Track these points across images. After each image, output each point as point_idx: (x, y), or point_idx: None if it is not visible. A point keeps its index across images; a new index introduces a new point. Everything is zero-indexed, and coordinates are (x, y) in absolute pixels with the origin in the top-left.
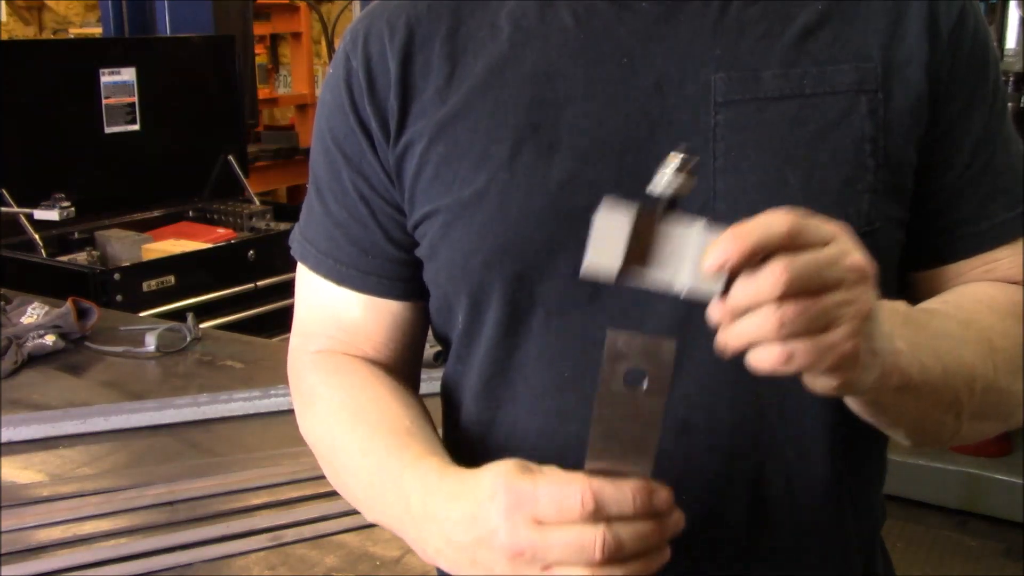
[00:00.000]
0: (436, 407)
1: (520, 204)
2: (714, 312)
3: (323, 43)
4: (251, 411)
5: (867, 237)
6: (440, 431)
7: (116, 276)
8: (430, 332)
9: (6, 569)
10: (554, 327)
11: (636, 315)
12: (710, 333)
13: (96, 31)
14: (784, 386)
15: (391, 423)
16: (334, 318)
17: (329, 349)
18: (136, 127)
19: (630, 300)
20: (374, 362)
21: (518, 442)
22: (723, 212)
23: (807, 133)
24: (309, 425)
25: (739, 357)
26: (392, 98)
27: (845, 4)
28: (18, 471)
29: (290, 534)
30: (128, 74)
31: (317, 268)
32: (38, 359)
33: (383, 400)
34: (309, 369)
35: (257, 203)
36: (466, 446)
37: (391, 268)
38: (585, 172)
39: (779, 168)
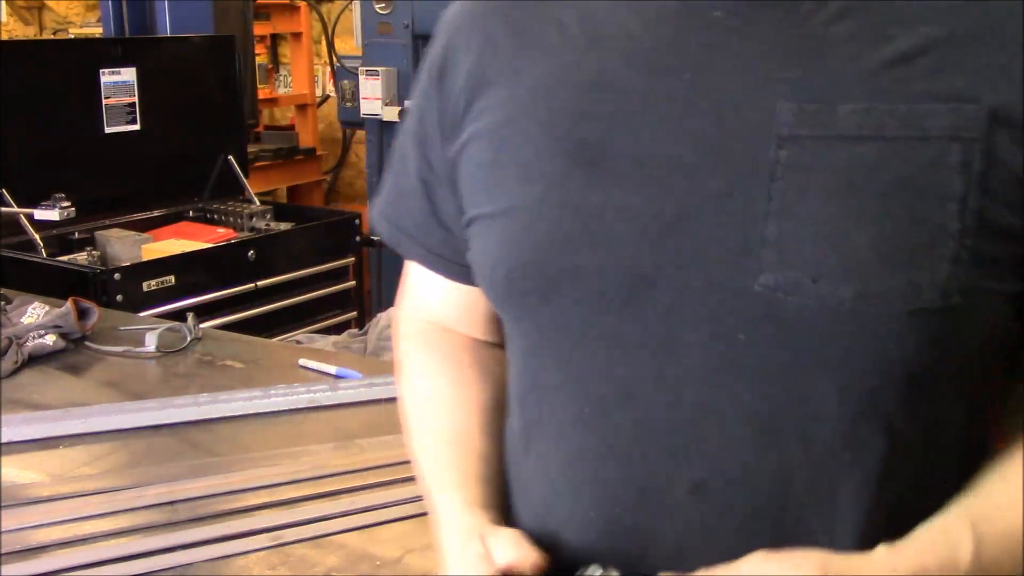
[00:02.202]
0: None
1: (549, 223)
2: None
3: (323, 43)
4: (251, 411)
5: (943, 314)
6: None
7: (116, 276)
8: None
9: (6, 569)
10: (575, 357)
11: (659, 352)
12: (735, 384)
13: (96, 31)
14: (815, 453)
15: (451, 436)
16: (415, 288)
17: (426, 318)
18: (136, 127)
19: (652, 335)
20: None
21: (545, 468)
22: (770, 262)
23: (882, 183)
24: (399, 387)
25: (765, 416)
26: (460, 92)
27: (959, 30)
28: (18, 471)
29: (290, 534)
30: (128, 74)
31: (377, 225)
32: (38, 359)
33: (454, 408)
34: (405, 336)
35: (257, 203)
36: (512, 453)
37: (438, 247)
38: (622, 197)
39: (843, 220)
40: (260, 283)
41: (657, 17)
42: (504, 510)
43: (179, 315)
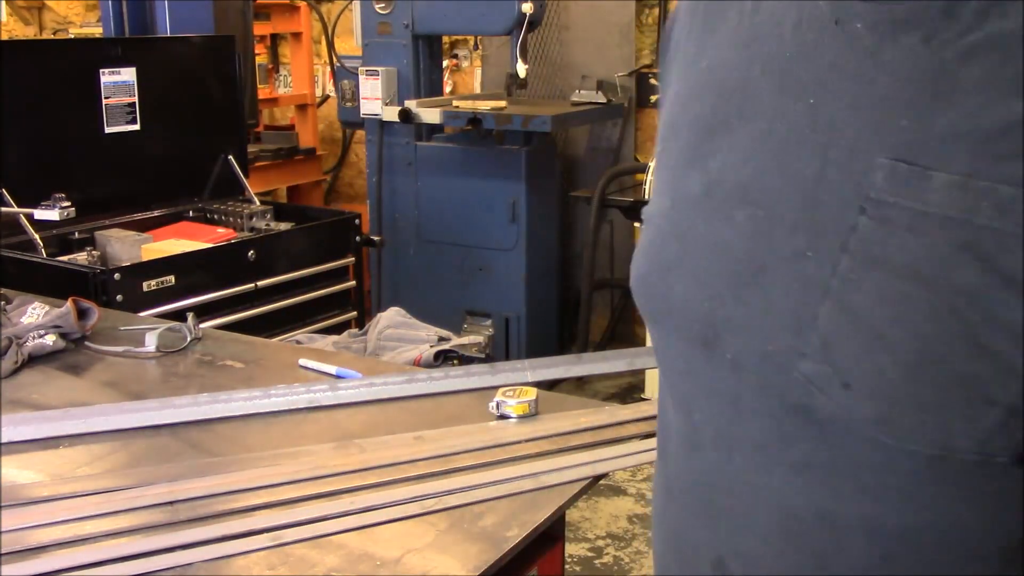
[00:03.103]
0: (434, 407)
1: (662, 243)
2: None
3: (323, 43)
4: (251, 411)
5: (982, 470)
6: None
7: (116, 276)
8: (430, 328)
9: (6, 569)
10: (674, 390)
11: (727, 408)
12: (773, 469)
13: (96, 31)
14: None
15: None
16: None
17: None
18: (136, 127)
19: (724, 387)
20: None
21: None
22: (814, 348)
23: (951, 285)
24: None
25: (791, 515)
26: (664, 69)
27: None
28: (18, 471)
29: (290, 534)
30: (128, 74)
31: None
32: (38, 359)
33: None
34: None
35: (257, 203)
36: None
37: None
38: (718, 231)
39: (893, 320)
40: (260, 283)
41: (808, 21)
42: None
43: (179, 315)
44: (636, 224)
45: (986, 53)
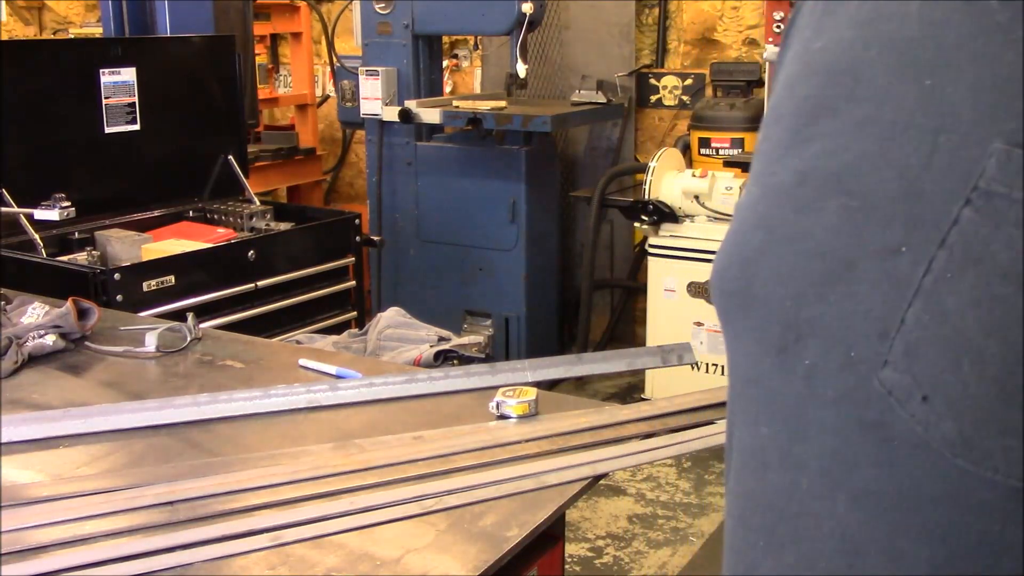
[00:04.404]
0: (434, 407)
1: (740, 234)
2: None
3: (323, 43)
4: (251, 411)
5: None
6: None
7: (116, 276)
8: (430, 328)
9: (6, 569)
10: (742, 397)
11: (792, 422)
12: (837, 494)
13: (96, 31)
14: None
15: None
16: None
17: None
18: (136, 127)
19: (792, 399)
20: None
21: None
22: (897, 355)
23: None
24: None
25: (854, 548)
26: None
27: None
28: (18, 471)
29: (290, 534)
30: (128, 74)
31: None
32: (38, 359)
33: None
34: None
35: (257, 203)
36: None
37: None
38: (806, 221)
39: (987, 328)
40: (260, 283)
41: None
42: None
43: (179, 315)
44: (636, 224)
45: None
